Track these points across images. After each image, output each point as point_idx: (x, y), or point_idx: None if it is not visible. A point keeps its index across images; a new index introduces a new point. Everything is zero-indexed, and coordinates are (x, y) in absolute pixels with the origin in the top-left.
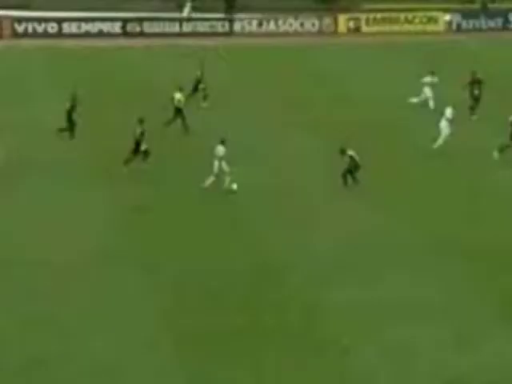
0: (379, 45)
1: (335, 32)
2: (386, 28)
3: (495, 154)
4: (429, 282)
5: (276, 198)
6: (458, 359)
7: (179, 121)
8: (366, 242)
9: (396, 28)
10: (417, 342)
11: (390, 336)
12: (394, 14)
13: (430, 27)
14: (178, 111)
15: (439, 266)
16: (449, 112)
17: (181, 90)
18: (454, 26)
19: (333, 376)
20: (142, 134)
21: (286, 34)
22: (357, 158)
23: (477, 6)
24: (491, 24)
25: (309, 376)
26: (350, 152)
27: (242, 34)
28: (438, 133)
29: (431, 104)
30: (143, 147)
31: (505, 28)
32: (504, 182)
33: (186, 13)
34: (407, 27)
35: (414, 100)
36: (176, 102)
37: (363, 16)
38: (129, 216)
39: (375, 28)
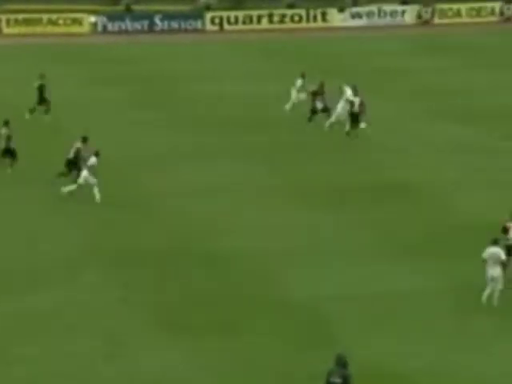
0: (21, 46)
1: None
2: (29, 29)
3: None
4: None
5: None
6: (107, 367)
7: None
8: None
9: (39, 29)
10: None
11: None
12: (36, 16)
13: (75, 29)
14: None
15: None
16: (349, 93)
17: None
18: (100, 28)
19: None
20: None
21: None
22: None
23: (122, 8)
24: (137, 26)
25: None
26: (78, 145)
27: None
28: None
29: (289, 104)
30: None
31: (151, 30)
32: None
33: None
34: (51, 29)
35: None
36: None
37: (4, 17)
38: None
39: (17, 29)
